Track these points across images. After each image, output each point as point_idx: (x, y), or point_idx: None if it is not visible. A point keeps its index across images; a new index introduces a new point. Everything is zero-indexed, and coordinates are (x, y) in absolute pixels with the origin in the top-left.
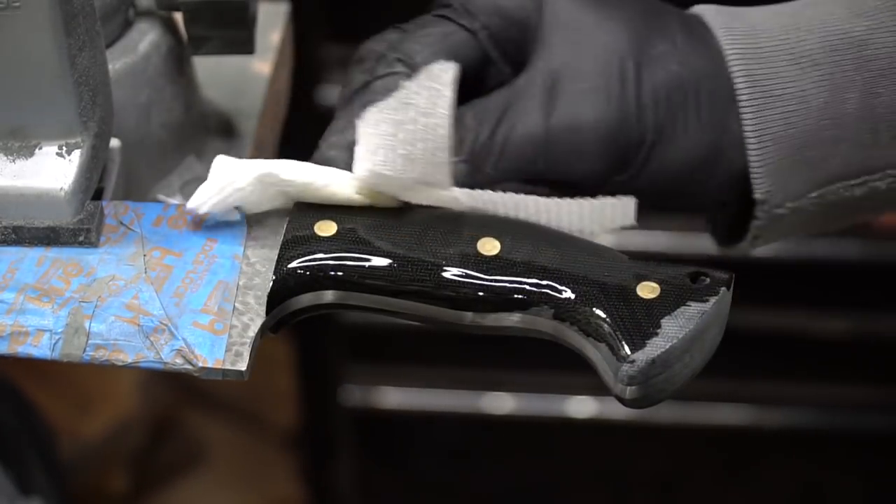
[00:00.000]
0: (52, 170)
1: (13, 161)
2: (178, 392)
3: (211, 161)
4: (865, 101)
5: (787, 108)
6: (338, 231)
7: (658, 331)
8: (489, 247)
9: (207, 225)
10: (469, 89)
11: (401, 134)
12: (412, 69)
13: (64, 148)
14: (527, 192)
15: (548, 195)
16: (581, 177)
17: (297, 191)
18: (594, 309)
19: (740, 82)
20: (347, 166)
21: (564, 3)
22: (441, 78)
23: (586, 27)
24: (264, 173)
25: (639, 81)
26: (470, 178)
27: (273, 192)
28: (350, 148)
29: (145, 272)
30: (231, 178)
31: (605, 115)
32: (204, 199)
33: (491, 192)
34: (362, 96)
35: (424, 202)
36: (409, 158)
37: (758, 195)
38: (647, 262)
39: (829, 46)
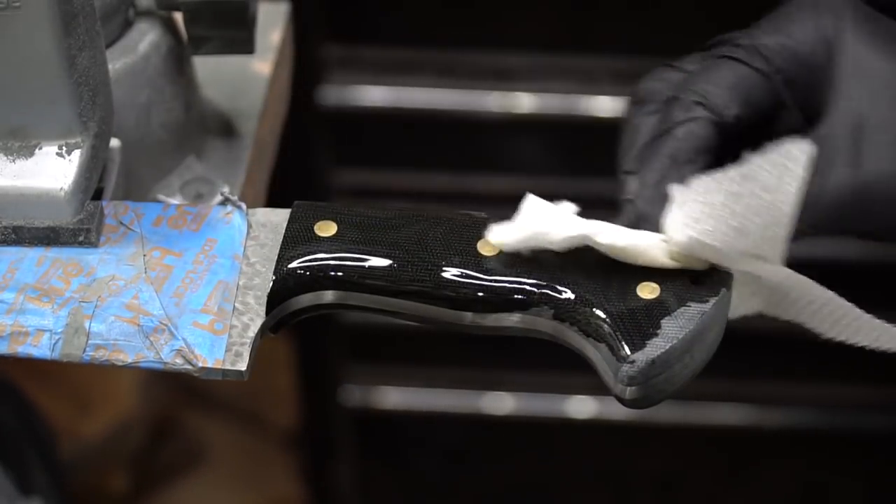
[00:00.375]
0: (52, 170)
1: (13, 161)
2: (178, 392)
3: (211, 161)
4: None
5: None
6: (338, 231)
7: (658, 331)
8: (489, 247)
9: (207, 225)
10: (758, 134)
11: (738, 207)
12: (713, 112)
13: (64, 148)
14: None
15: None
16: (893, 229)
17: (607, 251)
18: (594, 309)
19: None
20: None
21: (861, 48)
22: (795, 157)
23: (886, 74)
24: (580, 235)
25: None
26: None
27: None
28: (665, 205)
29: (145, 272)
30: (544, 229)
31: None
32: (510, 238)
33: (818, 285)
34: (665, 144)
35: (745, 269)
36: (742, 231)
37: None
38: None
39: None
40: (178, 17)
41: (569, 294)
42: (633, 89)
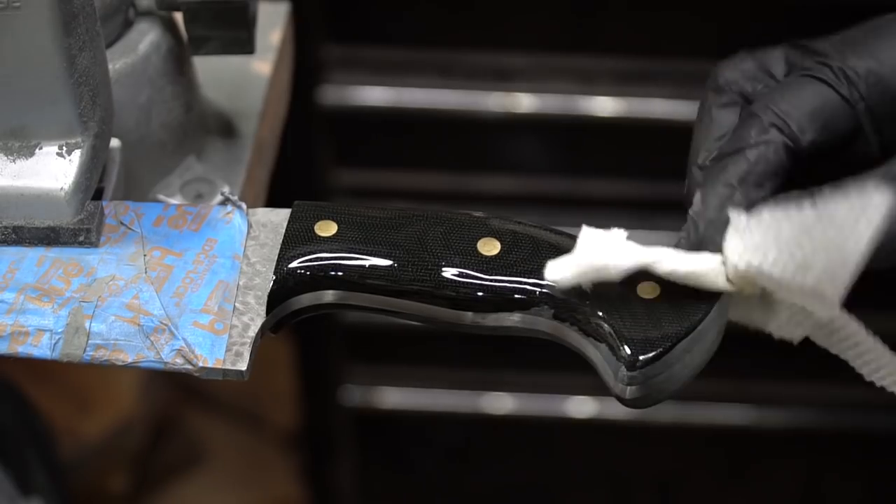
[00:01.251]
0: (52, 170)
1: (13, 161)
2: (178, 392)
3: (211, 161)
4: None
5: None
6: (338, 231)
7: (658, 331)
8: (489, 247)
9: (207, 225)
10: (829, 157)
11: (806, 242)
12: (790, 137)
13: (64, 148)
14: None
15: None
16: None
17: (667, 276)
18: (594, 309)
19: None
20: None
21: None
22: (876, 204)
23: None
24: (640, 264)
25: None
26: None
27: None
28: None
29: (145, 272)
30: (603, 262)
31: None
32: (568, 273)
33: (866, 330)
34: (735, 166)
35: (801, 304)
36: (806, 267)
37: None
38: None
39: None
40: (178, 17)
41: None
42: (712, 74)
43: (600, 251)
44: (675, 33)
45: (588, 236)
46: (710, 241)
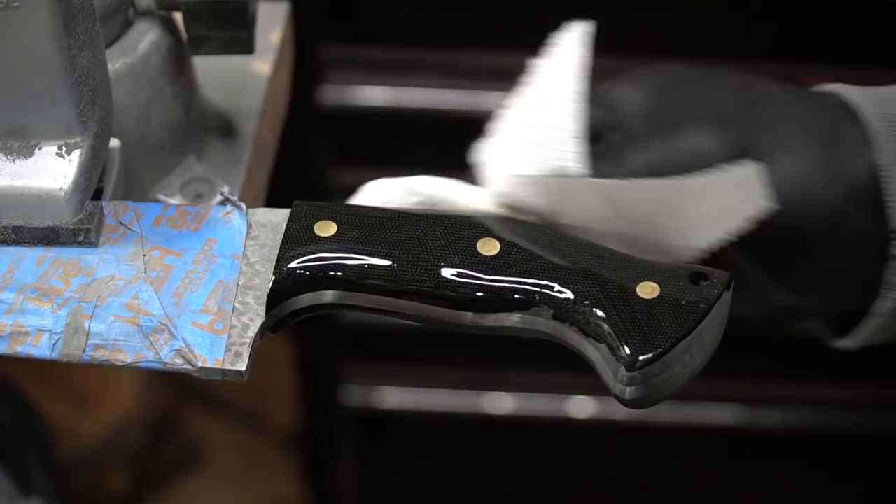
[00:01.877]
0: (51, 170)
1: (13, 161)
2: (178, 392)
3: (211, 161)
4: None
5: None
6: (338, 231)
7: (658, 331)
8: (489, 247)
9: (207, 225)
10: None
11: (532, 118)
12: None
13: (64, 148)
14: None
15: None
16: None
17: (439, 207)
18: (594, 309)
19: (873, 121)
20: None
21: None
22: (572, 38)
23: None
24: (408, 187)
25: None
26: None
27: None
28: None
29: (145, 272)
30: (382, 197)
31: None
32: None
33: (623, 180)
34: None
35: (569, 208)
36: (542, 144)
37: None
38: (648, 262)
39: None
40: (178, 17)
41: (568, 294)
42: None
43: (379, 191)
44: (674, 33)
45: (369, 186)
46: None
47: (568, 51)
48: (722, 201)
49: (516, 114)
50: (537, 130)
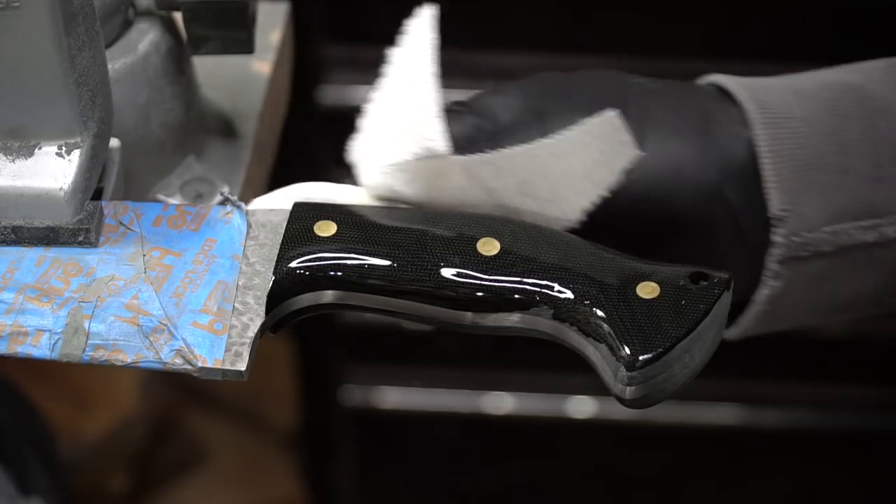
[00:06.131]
0: (51, 170)
1: (13, 161)
2: (178, 392)
3: (211, 161)
4: (867, 132)
5: (795, 128)
6: (337, 231)
7: (658, 331)
8: (489, 247)
9: (207, 225)
10: None
11: (393, 106)
12: None
13: (63, 148)
14: None
15: None
16: None
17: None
18: (594, 309)
19: (748, 104)
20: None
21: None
22: (421, 23)
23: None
24: (288, 195)
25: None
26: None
27: None
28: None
29: (145, 272)
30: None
31: None
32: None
33: (487, 153)
34: None
35: (438, 191)
36: (404, 129)
37: (774, 211)
38: (648, 262)
39: (828, 85)
40: (178, 17)
41: (568, 294)
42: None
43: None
44: (673, 34)
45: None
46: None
47: (418, 36)
48: (589, 155)
49: (379, 106)
50: (399, 117)
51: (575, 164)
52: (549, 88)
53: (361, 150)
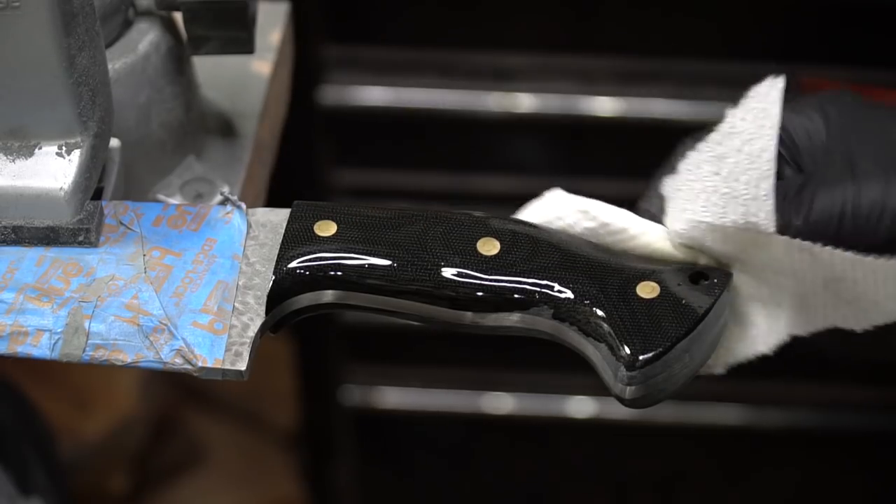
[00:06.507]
0: (51, 170)
1: (13, 161)
2: (178, 392)
3: (211, 161)
4: None
5: None
6: (338, 231)
7: (658, 331)
8: (489, 247)
9: (207, 225)
10: None
11: (724, 170)
12: None
13: (63, 148)
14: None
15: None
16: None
17: (611, 237)
18: (594, 308)
19: None
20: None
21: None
22: (769, 95)
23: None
24: (585, 209)
25: None
26: (778, 229)
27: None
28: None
29: (145, 272)
30: (556, 212)
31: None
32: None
33: (815, 244)
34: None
35: (748, 256)
36: (732, 196)
37: None
38: (648, 262)
39: None
40: (178, 17)
41: (568, 294)
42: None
43: (555, 204)
44: (675, 33)
45: (550, 195)
46: (647, 212)
47: (764, 106)
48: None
49: (706, 159)
50: (728, 181)
51: (877, 290)
52: (854, 123)
53: (675, 191)
